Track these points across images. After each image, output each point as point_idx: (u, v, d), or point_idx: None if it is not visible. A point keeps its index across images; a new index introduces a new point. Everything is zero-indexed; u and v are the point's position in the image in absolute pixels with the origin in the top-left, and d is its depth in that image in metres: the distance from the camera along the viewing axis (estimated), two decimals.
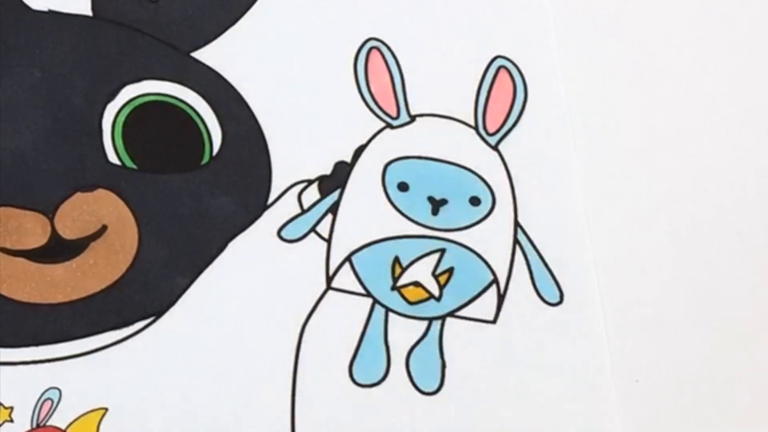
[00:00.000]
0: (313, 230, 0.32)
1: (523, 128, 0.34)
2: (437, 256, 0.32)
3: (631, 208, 0.34)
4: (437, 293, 0.32)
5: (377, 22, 0.35)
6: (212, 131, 0.33)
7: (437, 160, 0.33)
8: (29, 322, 0.30)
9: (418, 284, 0.32)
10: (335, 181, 0.33)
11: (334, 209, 0.33)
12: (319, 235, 0.32)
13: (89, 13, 0.34)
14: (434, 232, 0.32)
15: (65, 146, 0.32)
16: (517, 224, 0.33)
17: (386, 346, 0.31)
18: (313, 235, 0.32)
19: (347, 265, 0.32)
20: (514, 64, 0.35)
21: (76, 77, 0.33)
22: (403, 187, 0.33)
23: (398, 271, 0.32)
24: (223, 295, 0.31)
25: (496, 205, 0.33)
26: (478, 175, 0.33)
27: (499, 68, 0.35)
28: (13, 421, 0.29)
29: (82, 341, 0.30)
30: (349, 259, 0.32)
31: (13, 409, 0.29)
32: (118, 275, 0.31)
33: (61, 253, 0.31)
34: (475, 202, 0.33)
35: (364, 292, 0.32)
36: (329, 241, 0.32)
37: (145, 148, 0.33)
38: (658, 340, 0.32)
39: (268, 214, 0.32)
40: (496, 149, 0.34)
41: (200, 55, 0.34)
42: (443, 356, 0.31)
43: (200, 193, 0.32)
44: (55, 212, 0.32)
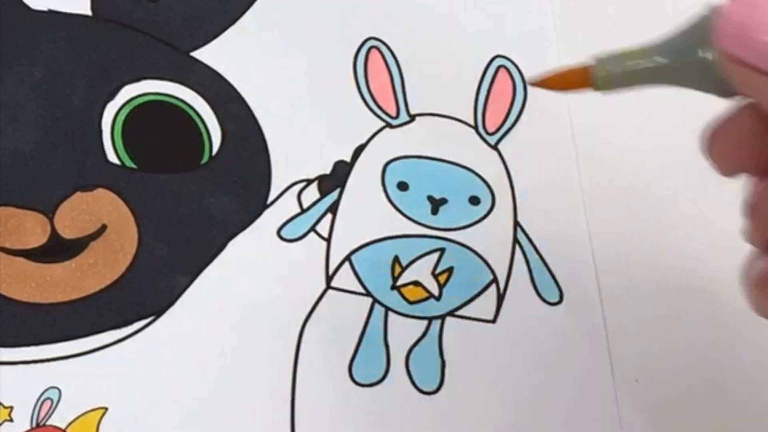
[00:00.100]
0: (312, 230, 0.32)
1: (522, 128, 0.34)
2: (437, 255, 0.32)
3: (631, 207, 0.34)
4: (437, 293, 0.32)
5: (377, 21, 0.35)
6: (212, 131, 0.33)
7: (437, 159, 0.33)
8: (29, 321, 0.30)
9: (417, 284, 0.32)
10: (335, 180, 0.33)
11: (333, 209, 0.33)
12: (318, 234, 0.32)
13: (89, 12, 0.34)
14: (434, 231, 0.32)
15: (65, 146, 0.32)
16: (516, 224, 0.33)
17: (386, 345, 0.31)
18: (312, 234, 0.32)
19: (347, 264, 0.32)
20: (513, 63, 0.35)
21: (75, 77, 0.33)
22: (402, 186, 0.33)
23: (398, 270, 0.32)
24: (222, 294, 0.31)
25: (495, 204, 0.33)
26: (477, 174, 0.33)
27: (498, 68, 0.35)
28: (12, 420, 0.29)
29: (81, 341, 0.30)
30: (348, 258, 0.32)
31: (12, 408, 0.29)
32: (117, 275, 0.31)
33: (60, 252, 0.31)
34: (474, 201, 0.33)
35: (363, 291, 0.32)
36: (329, 240, 0.32)
37: (144, 147, 0.33)
38: (658, 340, 0.32)
39: (267, 213, 0.32)
40: (495, 149, 0.34)
41: (200, 54, 0.34)
42: (443, 355, 0.31)
43: (200, 192, 0.32)
44: (54, 212, 0.32)
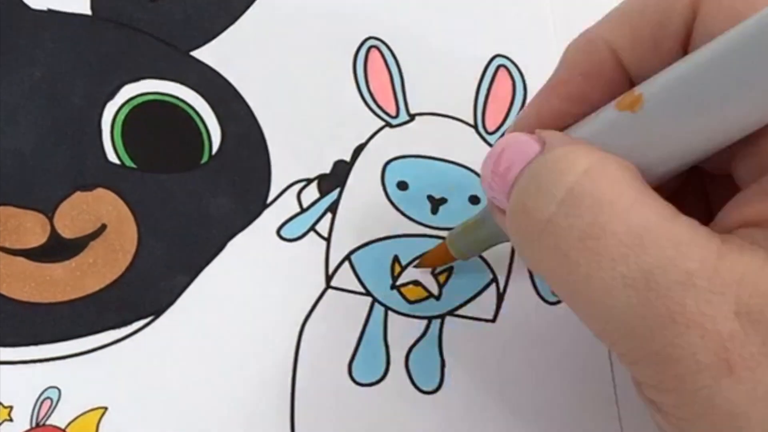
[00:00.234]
0: (312, 229, 0.32)
1: None
2: None
3: None
4: (437, 292, 0.32)
5: (376, 20, 0.35)
6: (211, 130, 0.33)
7: (437, 158, 0.33)
8: (28, 321, 0.30)
9: (417, 283, 0.32)
10: (334, 180, 0.33)
11: (333, 208, 0.33)
12: (318, 234, 0.32)
13: (88, 12, 0.34)
14: (434, 230, 0.32)
15: (64, 145, 0.32)
16: None
17: (386, 344, 0.31)
18: (312, 233, 0.32)
19: (346, 263, 0.32)
20: (513, 62, 0.35)
21: (75, 76, 0.33)
22: (402, 185, 0.33)
23: (398, 269, 0.32)
24: (222, 294, 0.31)
25: None
26: (477, 174, 0.33)
27: (498, 67, 0.35)
28: (12, 420, 0.29)
29: (81, 340, 0.30)
30: (348, 257, 0.32)
31: (12, 408, 0.29)
32: (117, 274, 0.31)
33: (60, 252, 0.31)
34: (474, 200, 0.33)
35: (363, 290, 0.32)
36: (328, 239, 0.32)
37: (144, 147, 0.33)
38: None
39: (267, 213, 0.32)
40: None
41: (200, 54, 0.34)
42: (443, 355, 0.31)
43: (199, 192, 0.32)
44: (54, 211, 0.32)
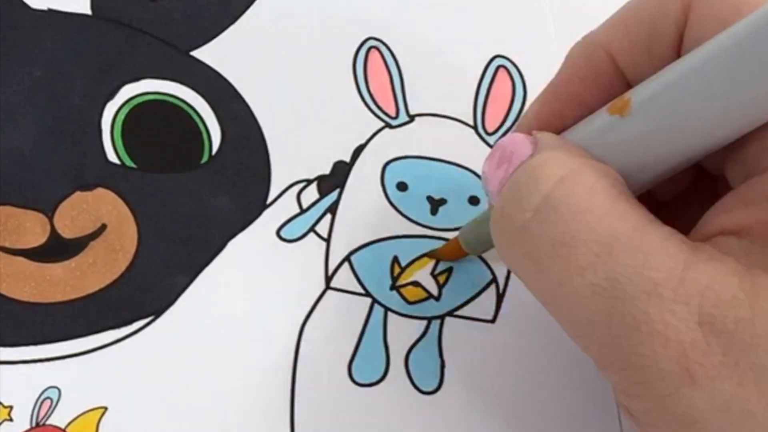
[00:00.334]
0: (312, 230, 0.32)
1: None
2: None
3: None
4: (436, 293, 0.32)
5: (376, 20, 0.35)
6: (211, 130, 0.33)
7: (436, 159, 0.33)
8: (28, 321, 0.30)
9: (417, 284, 0.32)
10: (334, 180, 0.33)
11: (333, 209, 0.33)
12: (318, 234, 0.32)
13: (89, 12, 0.34)
14: (433, 231, 0.32)
15: (64, 145, 0.32)
16: None
17: (385, 345, 0.31)
18: (312, 234, 0.32)
19: (346, 264, 0.32)
20: (513, 63, 0.35)
21: (75, 76, 0.33)
22: (402, 186, 0.33)
23: (397, 270, 0.32)
24: (222, 294, 0.31)
25: None
26: (477, 174, 0.33)
27: (498, 67, 0.35)
28: (12, 420, 0.29)
29: (81, 340, 0.30)
30: (348, 258, 0.32)
31: (12, 408, 0.29)
32: (117, 274, 0.31)
33: (60, 252, 0.31)
34: (474, 201, 0.33)
35: (363, 291, 0.32)
36: (328, 240, 0.32)
37: (144, 147, 0.33)
38: None
39: (267, 213, 0.32)
40: None
41: (200, 54, 0.34)
42: (442, 356, 0.31)
43: (199, 192, 0.32)
44: (54, 211, 0.32)
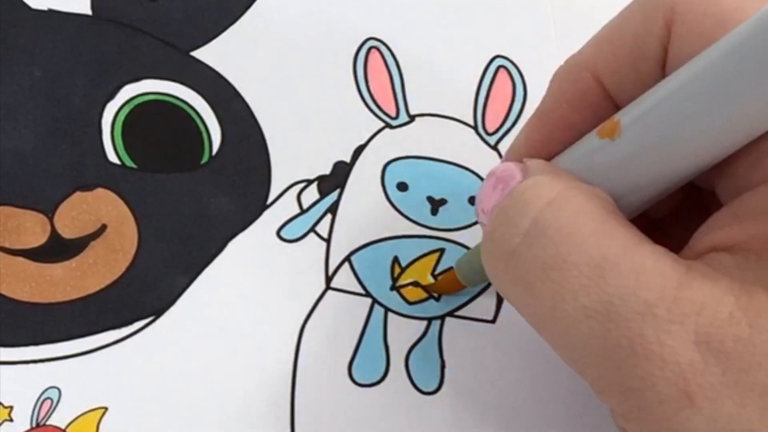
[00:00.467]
0: (312, 230, 0.32)
1: None
2: (436, 255, 0.32)
3: None
4: (436, 293, 0.32)
5: (377, 21, 0.35)
6: (212, 131, 0.33)
7: (436, 159, 0.33)
8: (28, 321, 0.30)
9: (417, 284, 0.32)
10: (334, 180, 0.33)
11: (333, 209, 0.33)
12: (318, 234, 0.32)
13: (89, 12, 0.34)
14: (433, 231, 0.32)
15: (65, 145, 0.32)
16: None
17: (385, 345, 0.31)
18: (312, 234, 0.32)
19: (346, 264, 0.32)
20: (513, 63, 0.35)
21: (75, 76, 0.33)
22: (402, 186, 0.33)
23: (397, 270, 0.32)
24: (222, 294, 0.31)
25: None
26: (477, 174, 0.33)
27: (498, 68, 0.35)
28: (12, 420, 0.29)
29: (81, 340, 0.30)
30: (348, 258, 0.32)
31: (12, 408, 0.29)
32: (117, 274, 0.31)
33: (60, 252, 0.31)
34: (474, 202, 0.33)
35: (363, 291, 0.32)
36: (328, 240, 0.32)
37: (144, 147, 0.33)
38: None
39: (267, 213, 0.32)
40: (495, 149, 0.34)
41: (200, 54, 0.34)
42: (443, 356, 0.31)
43: (200, 192, 0.32)
44: (54, 211, 0.32)
